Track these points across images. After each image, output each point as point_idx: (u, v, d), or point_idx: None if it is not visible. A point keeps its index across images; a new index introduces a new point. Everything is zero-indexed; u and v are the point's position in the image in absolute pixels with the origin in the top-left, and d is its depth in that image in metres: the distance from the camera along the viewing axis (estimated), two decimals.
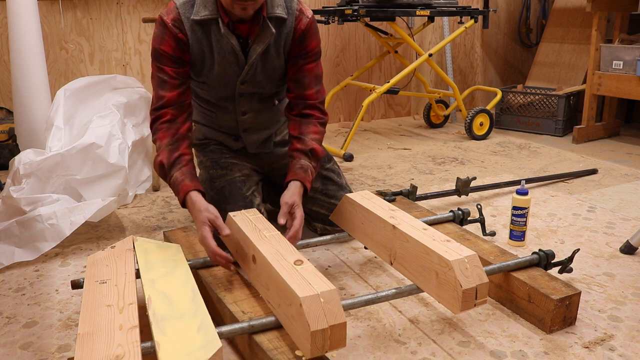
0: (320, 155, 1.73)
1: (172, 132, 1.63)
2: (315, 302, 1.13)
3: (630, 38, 3.36)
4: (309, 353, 1.12)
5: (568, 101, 3.60)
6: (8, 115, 2.98)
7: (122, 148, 2.18)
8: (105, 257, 1.46)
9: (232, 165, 1.88)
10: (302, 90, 1.75)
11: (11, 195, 1.85)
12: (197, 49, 1.66)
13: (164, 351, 1.07)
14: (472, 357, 1.33)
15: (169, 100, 1.64)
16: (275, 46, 1.69)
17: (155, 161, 1.63)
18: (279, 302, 1.25)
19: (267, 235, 1.43)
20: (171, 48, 1.63)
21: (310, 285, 1.17)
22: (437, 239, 1.42)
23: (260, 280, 1.38)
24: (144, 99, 2.71)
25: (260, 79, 1.75)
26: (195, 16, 1.62)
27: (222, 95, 1.79)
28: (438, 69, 3.38)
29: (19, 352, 1.36)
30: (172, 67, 1.65)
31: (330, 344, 1.13)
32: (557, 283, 1.46)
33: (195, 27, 1.64)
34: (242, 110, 1.83)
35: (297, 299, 1.13)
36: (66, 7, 3.05)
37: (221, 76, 1.72)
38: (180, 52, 1.64)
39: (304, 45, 1.72)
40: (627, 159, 3.07)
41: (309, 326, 1.10)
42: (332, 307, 1.14)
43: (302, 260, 1.28)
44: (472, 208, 2.25)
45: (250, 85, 1.76)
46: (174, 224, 2.14)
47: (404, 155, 3.16)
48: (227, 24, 1.62)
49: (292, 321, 1.18)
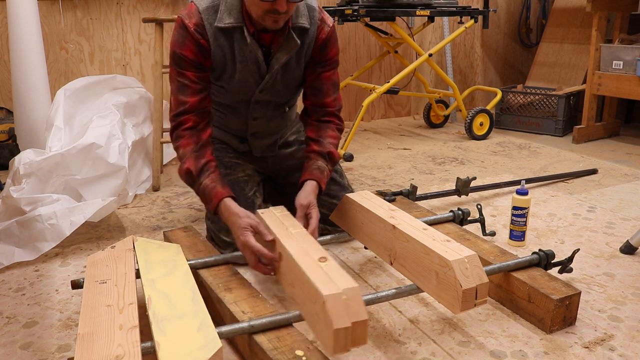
0: (337, 159, 1.76)
1: (195, 139, 1.61)
2: (337, 300, 1.13)
3: (630, 38, 3.36)
4: (332, 350, 1.12)
5: (568, 101, 3.60)
6: (8, 115, 2.98)
7: (122, 148, 2.18)
8: (105, 257, 1.46)
9: (236, 165, 1.88)
10: (321, 98, 1.76)
11: (11, 195, 1.85)
12: (219, 55, 1.64)
13: (164, 351, 1.07)
14: (472, 357, 1.33)
15: (192, 106, 1.62)
16: (296, 56, 1.69)
17: (181, 169, 1.61)
18: (304, 300, 1.26)
19: (294, 232, 1.45)
20: (193, 53, 1.60)
21: (333, 282, 1.17)
22: (437, 239, 1.42)
23: (286, 278, 1.39)
24: (144, 99, 2.71)
25: (280, 87, 1.75)
26: (219, 23, 1.59)
27: (237, 100, 1.78)
28: (438, 69, 3.38)
29: (19, 352, 1.36)
30: (194, 72, 1.62)
31: (352, 341, 1.13)
32: (557, 283, 1.46)
33: (218, 34, 1.61)
34: (254, 115, 1.82)
35: (321, 297, 1.13)
36: (66, 7, 3.05)
37: (241, 84, 1.71)
38: (202, 58, 1.62)
39: (324, 54, 1.73)
40: (627, 159, 3.07)
41: (332, 324, 1.10)
42: (354, 305, 1.13)
43: (327, 257, 1.30)
44: (472, 208, 2.25)
45: (268, 94, 1.76)
46: (174, 224, 2.14)
47: (404, 155, 3.16)
48: (252, 33, 1.61)
49: (315, 318, 1.19)
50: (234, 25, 1.60)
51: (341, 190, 1.96)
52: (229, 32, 1.62)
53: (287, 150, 1.97)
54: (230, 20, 1.59)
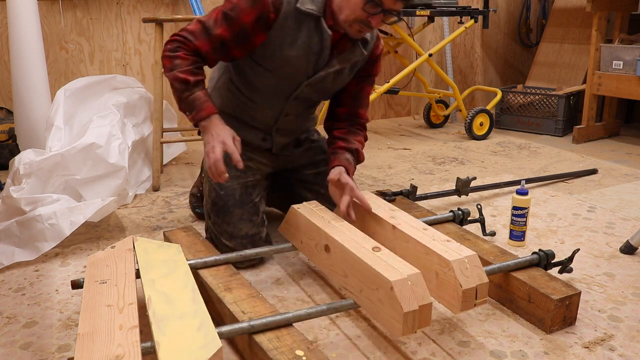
0: (362, 159, 1.79)
1: (193, 59, 1.56)
2: (404, 285, 1.19)
3: (630, 38, 3.36)
4: (400, 333, 1.18)
5: (568, 101, 3.60)
6: (8, 115, 2.98)
7: (122, 148, 2.18)
8: (105, 257, 1.46)
9: (247, 169, 1.82)
10: (357, 108, 1.81)
11: (11, 195, 1.85)
12: (279, 36, 1.59)
13: (164, 351, 1.07)
14: (472, 357, 1.33)
15: (196, 49, 1.56)
16: (352, 64, 1.72)
17: (175, 74, 1.54)
18: (361, 288, 1.31)
19: (337, 225, 1.51)
20: (249, 24, 1.54)
21: (395, 269, 1.24)
22: (437, 239, 1.42)
23: (335, 269, 1.43)
24: (144, 99, 2.71)
25: (326, 87, 1.74)
26: (301, 6, 1.56)
27: (279, 90, 1.73)
28: (438, 69, 3.38)
29: (19, 352, 1.36)
30: (230, 35, 1.55)
31: (418, 323, 1.20)
32: (557, 283, 1.46)
33: (292, 15, 1.57)
34: (287, 111, 1.79)
35: (387, 283, 1.20)
36: (66, 7, 3.05)
37: (293, 72, 1.67)
38: (253, 34, 1.56)
39: (372, 68, 1.78)
40: (627, 159, 3.07)
41: (401, 308, 1.17)
42: (419, 289, 1.21)
43: (379, 247, 1.36)
44: (472, 208, 2.25)
45: (312, 90, 1.73)
46: (174, 224, 2.14)
47: (404, 155, 3.16)
48: (330, 26, 1.61)
49: (378, 305, 1.25)
50: (313, 13, 1.58)
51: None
52: (304, 17, 1.59)
53: (299, 149, 1.97)
54: (312, 6, 1.57)
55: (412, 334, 1.21)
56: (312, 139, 2.01)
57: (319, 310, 1.31)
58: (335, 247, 1.43)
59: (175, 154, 2.98)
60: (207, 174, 1.85)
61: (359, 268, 1.32)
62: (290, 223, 1.67)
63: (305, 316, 1.29)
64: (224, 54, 1.62)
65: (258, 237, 1.77)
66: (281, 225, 1.73)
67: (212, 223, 1.80)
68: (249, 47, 1.61)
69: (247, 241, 1.74)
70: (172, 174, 2.80)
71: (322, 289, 1.65)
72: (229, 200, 1.77)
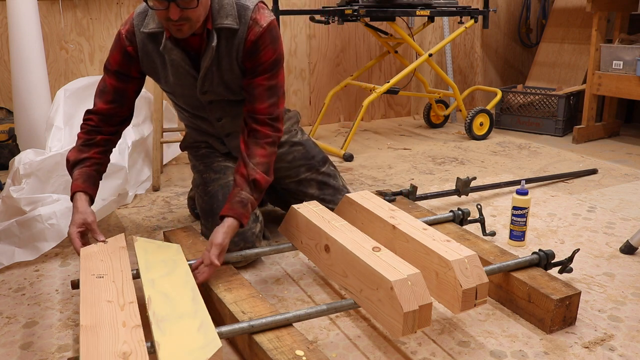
0: (263, 187, 1.59)
1: (89, 136, 1.66)
2: (404, 285, 1.19)
3: (630, 38, 3.36)
4: (400, 333, 1.18)
5: (568, 101, 3.60)
6: (8, 115, 2.98)
7: (122, 148, 2.18)
8: (98, 252, 1.47)
9: (225, 169, 1.86)
10: (252, 104, 1.62)
11: (11, 195, 1.85)
12: (147, 61, 1.65)
13: (164, 351, 1.07)
14: (472, 357, 1.33)
15: (98, 110, 1.67)
16: (227, 58, 1.62)
17: (67, 155, 1.67)
18: (361, 288, 1.31)
19: (337, 225, 1.51)
20: (116, 63, 1.64)
21: (395, 269, 1.24)
22: (437, 239, 1.42)
23: (335, 269, 1.43)
24: (143, 99, 2.71)
25: (221, 89, 1.69)
26: (144, 29, 1.59)
27: (190, 103, 1.78)
28: (438, 69, 3.38)
29: (19, 352, 1.36)
30: (113, 81, 1.66)
31: (418, 323, 1.20)
32: (557, 283, 1.46)
33: (146, 39, 1.61)
34: (216, 116, 1.79)
35: (387, 283, 1.20)
36: (66, 7, 3.05)
37: (180, 87, 1.70)
38: (126, 68, 1.65)
39: (256, 57, 1.60)
40: (627, 159, 3.07)
41: (401, 308, 1.17)
42: (419, 289, 1.21)
43: (379, 247, 1.36)
44: (472, 208, 2.25)
45: (213, 94, 1.71)
46: (174, 224, 2.14)
47: (404, 155, 3.16)
48: (171, 38, 1.56)
49: (378, 305, 1.24)
50: (157, 30, 1.58)
51: (336, 193, 1.97)
52: (155, 37, 1.60)
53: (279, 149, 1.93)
54: (153, 25, 1.58)
55: (412, 334, 1.21)
56: (293, 141, 1.98)
57: (319, 310, 1.31)
58: (335, 247, 1.43)
59: (175, 154, 2.99)
60: (196, 182, 1.92)
61: (359, 268, 1.31)
62: (290, 223, 1.67)
63: (305, 316, 1.30)
64: (124, 96, 1.69)
65: (250, 234, 1.74)
66: (281, 225, 1.73)
67: (204, 227, 1.84)
68: (135, 82, 1.70)
69: (238, 239, 1.70)
70: (172, 174, 2.80)
71: (322, 289, 1.65)
72: (214, 203, 1.80)
